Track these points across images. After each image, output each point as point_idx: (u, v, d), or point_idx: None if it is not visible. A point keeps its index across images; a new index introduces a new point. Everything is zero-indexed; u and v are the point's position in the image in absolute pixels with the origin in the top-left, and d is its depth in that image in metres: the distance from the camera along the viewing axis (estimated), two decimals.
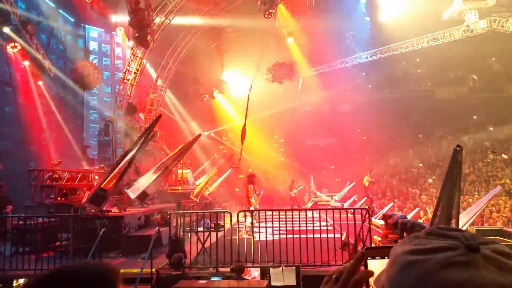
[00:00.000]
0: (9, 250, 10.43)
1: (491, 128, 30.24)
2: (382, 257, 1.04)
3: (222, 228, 10.39)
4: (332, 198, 23.20)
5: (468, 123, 32.06)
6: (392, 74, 33.74)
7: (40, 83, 21.01)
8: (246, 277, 8.20)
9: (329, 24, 27.03)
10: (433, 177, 26.34)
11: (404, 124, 33.32)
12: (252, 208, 12.54)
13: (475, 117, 33.05)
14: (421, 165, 29.26)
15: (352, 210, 11.84)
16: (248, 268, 8.91)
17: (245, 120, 17.79)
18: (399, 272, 0.80)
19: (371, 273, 0.91)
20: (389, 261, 0.85)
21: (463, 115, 32.43)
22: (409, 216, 14.41)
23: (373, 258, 1.05)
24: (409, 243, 0.84)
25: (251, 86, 18.34)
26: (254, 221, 11.77)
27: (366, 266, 1.00)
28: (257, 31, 24.56)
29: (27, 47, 18.54)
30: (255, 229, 9.90)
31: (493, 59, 33.83)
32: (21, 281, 8.88)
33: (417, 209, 18.89)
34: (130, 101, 22.19)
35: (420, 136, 33.22)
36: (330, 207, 18.10)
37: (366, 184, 21.20)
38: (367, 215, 9.71)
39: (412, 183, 27.03)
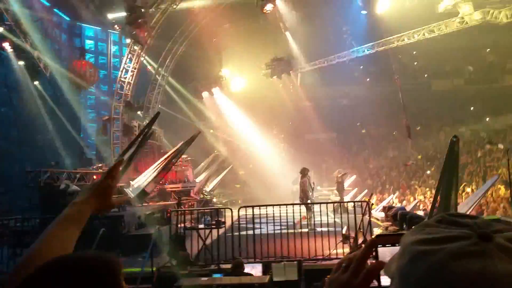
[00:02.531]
0: (6, 252, 10.35)
1: (488, 119, 30.27)
2: (393, 245, 1.03)
3: (223, 225, 10.36)
4: (332, 192, 23.11)
5: (465, 114, 32.04)
6: (389, 67, 33.73)
7: (36, 83, 20.78)
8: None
9: (326, 18, 26.99)
10: (432, 169, 26.33)
11: (402, 116, 33.32)
12: (309, 201, 12.54)
13: (471, 108, 33.07)
14: (420, 157, 29.25)
15: (352, 204, 11.87)
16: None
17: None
18: (409, 262, 0.76)
19: (383, 265, 0.87)
20: (399, 251, 0.81)
21: (460, 107, 32.48)
22: (408, 208, 14.46)
23: (383, 245, 1.03)
24: (419, 232, 0.80)
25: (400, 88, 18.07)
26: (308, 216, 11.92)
27: (376, 253, 0.98)
28: (255, 26, 24.51)
29: (21, 47, 18.30)
30: (256, 224, 9.88)
31: (488, 50, 33.90)
32: None
33: (416, 200, 18.90)
34: (127, 99, 22.13)
35: (418, 128, 33.21)
36: (330, 201, 18.08)
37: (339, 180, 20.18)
38: (367, 208, 9.73)
39: (411, 175, 27.06)
